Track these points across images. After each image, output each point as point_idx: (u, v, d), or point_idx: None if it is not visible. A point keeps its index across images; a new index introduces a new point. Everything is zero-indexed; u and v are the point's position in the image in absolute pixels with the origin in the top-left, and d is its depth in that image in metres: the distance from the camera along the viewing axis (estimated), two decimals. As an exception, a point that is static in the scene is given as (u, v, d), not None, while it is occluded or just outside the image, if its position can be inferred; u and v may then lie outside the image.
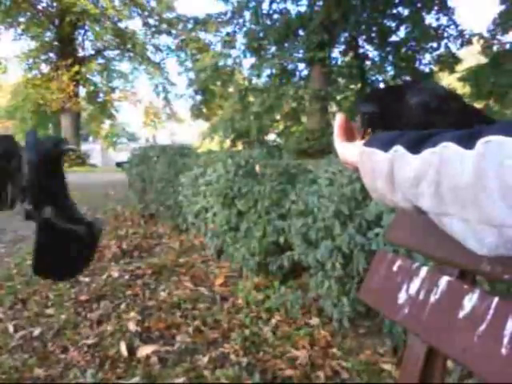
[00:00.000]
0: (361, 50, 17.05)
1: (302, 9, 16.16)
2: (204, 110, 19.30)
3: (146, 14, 22.56)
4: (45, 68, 22.46)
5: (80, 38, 22.93)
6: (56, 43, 21.83)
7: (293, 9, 16.55)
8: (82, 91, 23.06)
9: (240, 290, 3.13)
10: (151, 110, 25.80)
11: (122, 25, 22.50)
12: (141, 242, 4.83)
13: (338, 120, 0.73)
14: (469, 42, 15.43)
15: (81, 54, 22.76)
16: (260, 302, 2.92)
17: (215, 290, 3.27)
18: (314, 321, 2.62)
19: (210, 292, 3.22)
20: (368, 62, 17.29)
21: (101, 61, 23.88)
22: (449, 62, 15.65)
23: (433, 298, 1.05)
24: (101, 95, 23.72)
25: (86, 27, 22.45)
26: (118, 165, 13.61)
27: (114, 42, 22.90)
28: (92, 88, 23.42)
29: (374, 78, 17.39)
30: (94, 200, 8.30)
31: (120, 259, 4.21)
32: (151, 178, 5.75)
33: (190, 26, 21.89)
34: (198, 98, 18.74)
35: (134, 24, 48.63)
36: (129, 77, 23.81)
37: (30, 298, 3.27)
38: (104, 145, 23.82)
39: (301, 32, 15.26)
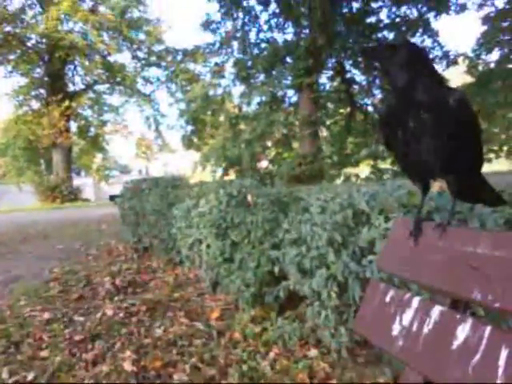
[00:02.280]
0: (348, 75, 17.29)
1: (289, 37, 16.49)
2: (195, 140, 19.40)
3: (135, 47, 22.87)
4: (35, 104, 22.61)
5: (70, 73, 23.14)
6: (46, 79, 22.00)
7: (279, 37, 16.83)
8: (73, 126, 23.18)
9: (237, 323, 3.09)
10: (143, 142, 25.91)
11: (111, 58, 22.79)
12: (135, 277, 4.77)
13: None
14: (454, 63, 15.68)
15: (71, 88, 22.93)
16: (257, 334, 2.88)
17: (211, 324, 3.22)
18: (313, 352, 2.58)
19: (206, 327, 3.17)
20: (356, 86, 17.52)
21: (91, 95, 24.06)
22: (436, 82, 15.83)
23: (426, 329, 1.04)
24: (92, 129, 23.83)
25: (76, 62, 22.69)
26: (112, 198, 13.56)
27: (103, 76, 23.10)
28: (83, 122, 23.54)
29: (362, 102, 17.61)
30: (87, 235, 8.24)
31: (114, 296, 4.16)
32: (144, 211, 5.73)
33: (179, 57, 22.23)
34: (189, 127, 18.86)
35: (124, 57, 49.24)
36: (119, 110, 23.98)
37: (24, 341, 3.20)
38: (96, 179, 23.76)
39: (288, 59, 15.51)
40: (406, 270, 1.19)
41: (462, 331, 0.92)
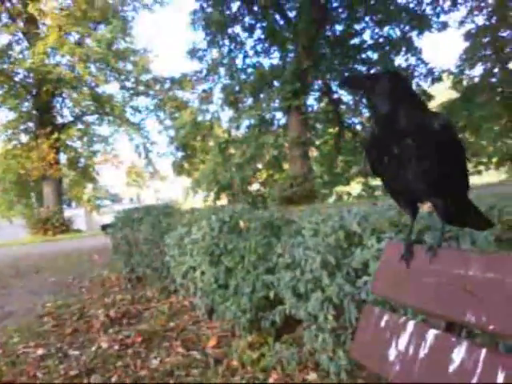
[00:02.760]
0: (335, 95, 17.53)
1: (275, 61, 16.76)
2: (186, 166, 19.43)
3: (123, 77, 23.03)
4: (24, 138, 22.59)
5: (58, 106, 23.20)
6: (34, 112, 22.05)
7: (265, 62, 17.08)
8: (63, 158, 23.13)
9: (234, 350, 3.05)
10: (133, 170, 25.87)
11: (99, 89, 22.90)
12: (129, 307, 4.72)
13: None
14: (439, 79, 15.96)
15: (60, 121, 22.97)
16: (255, 361, 2.84)
17: (208, 352, 3.18)
18: (312, 376, 2.55)
19: (203, 355, 3.13)
20: (343, 106, 17.74)
21: (80, 126, 24.11)
22: (421, 99, 16.10)
23: (422, 353, 1.03)
24: (82, 160, 23.79)
25: (64, 94, 22.78)
26: (103, 228, 13.47)
27: (92, 107, 23.20)
28: (72, 154, 23.50)
29: (350, 122, 17.81)
30: (79, 267, 8.16)
31: (109, 328, 4.10)
32: (136, 241, 5.69)
33: (166, 85, 22.41)
34: (180, 154, 18.93)
35: (112, 87, 49.54)
36: (109, 140, 23.99)
37: (17, 380, 3.13)
38: (87, 209, 23.63)
39: (275, 82, 15.71)
40: (400, 294, 1.19)
41: (458, 354, 0.92)
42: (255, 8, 15.99)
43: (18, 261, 10.05)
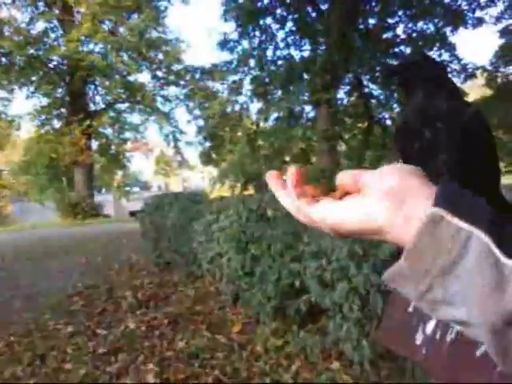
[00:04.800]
0: (366, 90, 17.30)
1: (305, 53, 16.59)
2: (214, 156, 19.54)
3: (155, 66, 23.23)
4: (57, 123, 23.03)
5: (90, 93, 23.55)
6: (67, 99, 22.43)
7: (296, 54, 16.93)
8: (94, 144, 23.50)
9: (258, 336, 3.10)
10: (162, 159, 26.15)
11: (131, 78, 23.15)
12: (156, 291, 4.82)
13: (292, 172, 0.51)
14: (472, 76, 15.58)
15: (92, 108, 23.32)
16: (279, 348, 2.88)
17: (233, 337, 3.24)
18: (335, 365, 2.57)
19: (228, 340, 3.19)
20: (373, 101, 17.51)
21: (112, 114, 24.42)
22: (454, 96, 15.77)
23: (449, 338, 1.05)
24: (112, 147, 24.12)
25: (96, 82, 23.12)
26: (132, 214, 13.69)
27: (123, 95, 23.47)
28: (104, 140, 23.85)
29: (380, 116, 17.58)
30: (108, 250, 8.34)
31: (136, 310, 4.20)
32: (165, 226, 5.79)
33: (197, 76, 22.52)
34: (208, 144, 19.02)
35: (143, 77, 50.02)
36: (139, 128, 24.26)
37: (49, 354, 3.25)
38: (117, 195, 23.99)
39: (305, 75, 15.60)
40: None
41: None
42: (287, 0, 15.87)
43: (50, 242, 10.33)
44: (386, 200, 0.42)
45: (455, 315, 0.41)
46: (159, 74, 23.64)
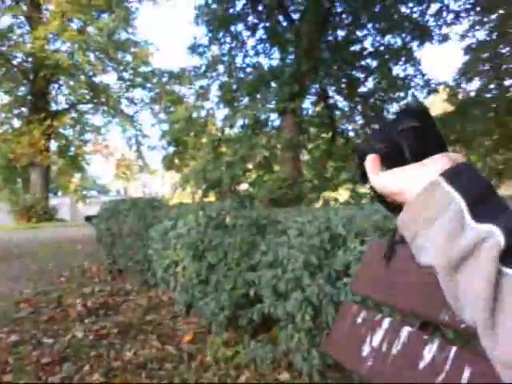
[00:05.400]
0: (331, 101, 17.56)
1: (274, 62, 16.71)
2: (176, 161, 19.33)
3: (121, 68, 22.92)
4: (17, 122, 22.39)
5: (54, 92, 23.03)
6: (29, 97, 21.85)
7: (265, 62, 17.05)
8: (53, 145, 22.94)
9: (208, 346, 3.02)
10: (123, 163, 25.74)
11: (96, 79, 22.76)
12: (107, 299, 4.67)
13: (371, 157, 0.62)
14: (435, 91, 16.02)
15: (54, 107, 22.79)
16: (229, 358, 2.81)
17: (183, 347, 3.14)
18: (284, 376, 2.52)
19: (178, 350, 3.09)
20: (338, 112, 17.77)
21: (74, 114, 23.93)
22: (416, 110, 16.14)
23: (395, 350, 1.02)
24: (72, 149, 23.60)
25: (60, 81, 22.61)
26: (88, 219, 13.37)
27: (87, 96, 23.04)
28: (63, 142, 23.30)
29: (344, 127, 17.84)
30: (61, 256, 8.07)
31: (85, 318, 4.04)
32: (120, 232, 5.63)
33: (164, 79, 22.35)
34: (171, 148, 18.81)
35: (109, 78, 49.23)
36: (101, 130, 23.84)
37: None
38: (73, 198, 23.42)
39: (273, 84, 15.68)
40: (379, 293, 1.19)
41: (429, 352, 0.93)
42: (259, 7, 15.96)
43: (1, 246, 9.93)
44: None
45: (427, 261, 0.49)
46: (126, 75, 23.35)
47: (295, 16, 16.14)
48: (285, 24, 16.25)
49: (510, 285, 0.42)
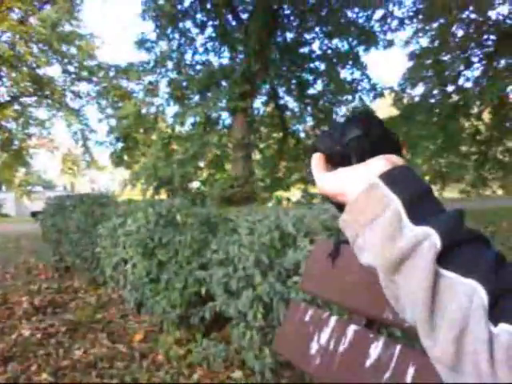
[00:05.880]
0: (281, 101, 17.71)
1: (224, 61, 16.65)
2: (125, 158, 18.93)
3: (66, 61, 22.16)
4: (-43, 115, 21.26)
5: (-5, 84, 22.00)
6: (-32, 89, 20.81)
7: (215, 60, 16.95)
8: (-5, 138, 21.95)
9: (160, 345, 3.02)
10: (69, 158, 24.97)
11: (40, 71, 21.91)
12: (55, 297, 4.56)
13: (317, 156, 0.66)
14: (381, 95, 16.47)
15: (-5, 99, 21.80)
16: (182, 356, 2.83)
17: (134, 346, 3.13)
18: (237, 374, 2.57)
19: (129, 349, 3.08)
20: (288, 113, 17.95)
21: (17, 107, 22.96)
22: (363, 114, 16.54)
23: (341, 348, 1.08)
24: (16, 142, 22.65)
25: (2, 73, 21.63)
26: (33, 215, 12.93)
27: (31, 89, 22.16)
28: (6, 135, 22.33)
29: (294, 128, 18.04)
30: (5, 252, 7.78)
31: (32, 316, 3.95)
32: (67, 229, 5.51)
33: (111, 73, 21.77)
34: (120, 145, 18.39)
35: (53, 70, 47.53)
36: (46, 123, 22.99)
37: None
38: (18, 194, 22.51)
39: (223, 82, 15.65)
40: (326, 291, 1.23)
41: (375, 350, 0.97)
42: (208, 5, 15.85)
43: None
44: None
45: (368, 261, 0.51)
46: (71, 68, 22.58)
47: (244, 16, 16.15)
48: (234, 23, 16.24)
49: (447, 286, 0.43)
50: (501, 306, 0.42)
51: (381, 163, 0.55)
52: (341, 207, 0.59)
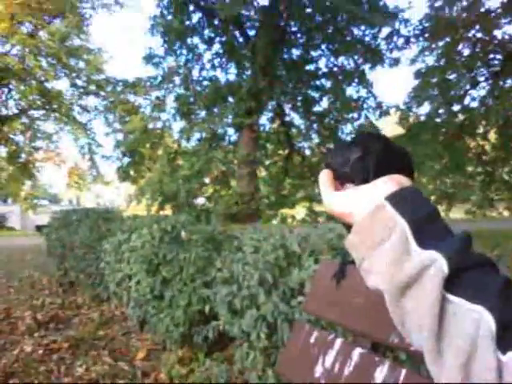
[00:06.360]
0: (287, 118, 17.79)
1: (231, 77, 16.79)
2: (131, 172, 18.98)
3: (74, 75, 22.39)
4: (-37, 128, 21.44)
5: (4, 97, 22.22)
6: (-23, 102, 21.03)
7: (222, 76, 17.10)
8: (3, 151, 22.10)
9: (163, 363, 3.00)
10: (76, 172, 25.08)
11: (48, 85, 22.13)
12: (58, 312, 4.54)
13: (325, 172, 0.65)
14: (386, 113, 16.50)
15: (3, 112, 21.99)
16: (184, 376, 2.80)
17: (136, 364, 3.11)
18: (240, 394, 2.54)
19: (131, 367, 3.05)
20: (294, 130, 18.01)
21: (24, 120, 23.15)
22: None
23: (347, 371, 1.06)
24: (22, 155, 22.79)
25: (11, 86, 21.87)
26: (39, 228, 12.94)
27: (39, 102, 22.36)
28: (13, 148, 22.49)
29: (300, 145, 18.07)
30: (9, 266, 7.78)
31: (34, 332, 3.93)
32: (72, 244, 5.51)
33: (119, 88, 21.95)
34: (126, 159, 18.47)
35: (61, 84, 47.97)
36: (53, 137, 23.13)
37: None
38: (23, 207, 22.58)
39: (230, 98, 15.75)
40: (331, 312, 1.22)
41: (380, 373, 0.95)
42: (215, 22, 16.04)
43: None
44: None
45: (375, 284, 0.51)
46: (79, 82, 22.79)
47: (251, 32, 16.32)
48: (241, 40, 16.41)
49: (454, 311, 0.43)
50: (510, 333, 0.41)
51: (388, 184, 0.54)
52: (348, 226, 0.58)
